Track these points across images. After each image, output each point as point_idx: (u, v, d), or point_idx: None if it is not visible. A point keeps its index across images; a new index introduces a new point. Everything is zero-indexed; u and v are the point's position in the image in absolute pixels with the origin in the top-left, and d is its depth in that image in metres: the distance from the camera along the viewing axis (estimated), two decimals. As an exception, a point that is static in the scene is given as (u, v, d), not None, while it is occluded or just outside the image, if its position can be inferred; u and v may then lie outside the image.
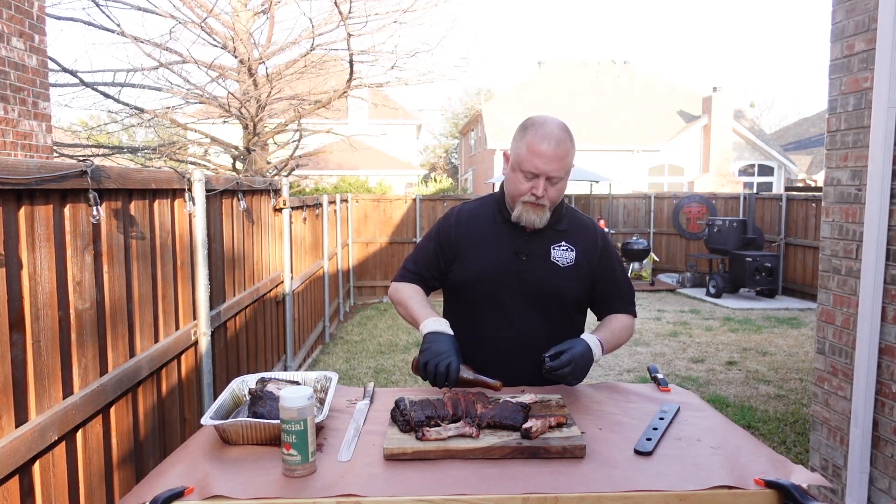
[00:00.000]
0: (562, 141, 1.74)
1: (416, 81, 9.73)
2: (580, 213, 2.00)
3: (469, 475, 1.20)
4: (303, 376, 1.66)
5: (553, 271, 1.84)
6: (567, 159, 1.76)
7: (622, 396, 1.69)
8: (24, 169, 1.57)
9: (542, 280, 1.84)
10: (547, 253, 1.85)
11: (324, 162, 19.00)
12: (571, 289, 1.87)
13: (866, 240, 2.75)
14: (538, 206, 1.77)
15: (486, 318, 1.87)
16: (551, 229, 1.86)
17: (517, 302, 1.84)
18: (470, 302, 1.89)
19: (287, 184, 4.78)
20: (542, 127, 1.75)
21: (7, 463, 1.48)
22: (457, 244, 1.91)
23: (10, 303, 1.55)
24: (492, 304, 1.86)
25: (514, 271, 1.84)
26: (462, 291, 1.92)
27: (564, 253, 1.86)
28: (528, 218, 1.78)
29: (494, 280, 1.84)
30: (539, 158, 1.72)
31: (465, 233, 1.91)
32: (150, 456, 2.33)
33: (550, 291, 1.85)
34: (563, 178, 1.77)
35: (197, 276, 2.81)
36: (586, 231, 1.92)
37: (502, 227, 1.88)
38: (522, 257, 1.85)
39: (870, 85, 2.77)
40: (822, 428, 3.17)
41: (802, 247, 9.95)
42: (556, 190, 1.78)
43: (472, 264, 1.88)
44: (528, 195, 1.76)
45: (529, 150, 1.73)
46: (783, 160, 21.71)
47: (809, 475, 1.19)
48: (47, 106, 4.96)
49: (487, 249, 1.87)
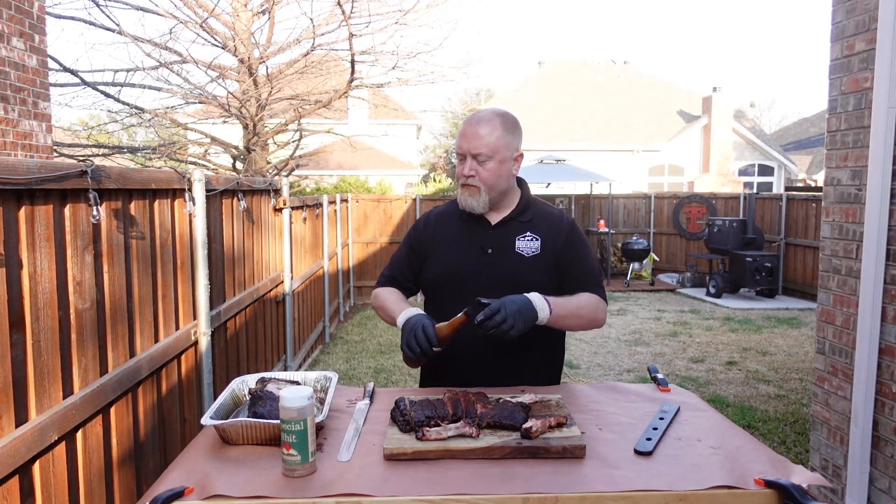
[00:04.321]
0: (487, 121, 1.80)
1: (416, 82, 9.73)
2: (549, 206, 2.01)
3: (469, 475, 1.20)
4: (303, 376, 1.66)
5: (519, 262, 1.86)
6: (491, 138, 1.79)
7: (622, 396, 1.69)
8: (24, 169, 1.57)
9: (508, 271, 1.85)
10: (512, 244, 1.88)
11: (324, 162, 19.00)
12: (538, 278, 1.86)
13: (866, 240, 2.75)
14: (471, 188, 1.83)
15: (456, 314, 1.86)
16: (516, 221, 1.90)
17: (485, 296, 1.82)
18: (442, 300, 1.92)
19: (287, 184, 4.78)
20: (475, 114, 1.85)
21: (7, 463, 1.48)
22: (426, 246, 1.96)
23: (10, 303, 1.55)
24: (461, 300, 1.83)
25: (481, 265, 1.87)
26: (433, 290, 1.96)
27: (529, 243, 1.88)
28: (465, 202, 1.85)
29: (461, 276, 1.87)
30: (462, 138, 1.81)
31: (434, 234, 1.96)
32: (150, 456, 2.33)
33: (517, 282, 1.83)
34: (491, 158, 1.80)
35: (197, 276, 2.81)
36: (551, 219, 1.93)
37: (468, 224, 1.92)
38: (488, 251, 1.87)
39: (870, 85, 2.77)
40: (822, 428, 3.17)
41: (802, 247, 9.95)
42: (488, 171, 1.81)
43: (439, 263, 1.92)
44: (461, 177, 1.83)
45: (458, 134, 1.83)
46: (783, 160, 21.71)
47: (809, 475, 1.19)
48: (47, 106, 4.96)
49: (454, 247, 1.91)
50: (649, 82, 23.89)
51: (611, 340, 7.34)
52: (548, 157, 12.96)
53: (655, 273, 12.37)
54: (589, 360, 6.46)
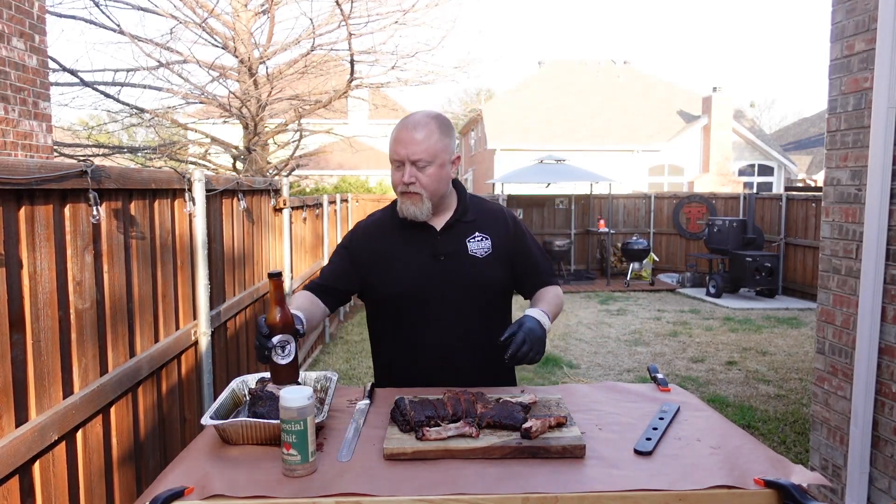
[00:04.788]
0: (422, 125, 1.74)
1: (416, 82, 9.73)
2: (486, 201, 1.98)
3: (469, 475, 1.20)
4: (303, 376, 1.66)
5: (473, 264, 1.84)
6: (429, 143, 1.72)
7: (622, 396, 1.69)
8: (24, 169, 1.57)
9: (465, 276, 1.82)
10: (464, 247, 1.84)
11: (324, 162, 19.00)
12: (496, 276, 1.87)
13: (866, 240, 2.75)
14: (412, 195, 1.75)
15: (420, 327, 1.84)
16: (461, 222, 1.85)
17: (447, 303, 1.82)
18: (399, 314, 1.85)
19: (287, 184, 4.78)
20: (408, 118, 1.77)
21: (7, 463, 1.48)
22: (370, 259, 1.86)
23: (10, 303, 1.55)
24: (422, 311, 1.83)
25: (437, 274, 1.82)
26: (388, 306, 1.87)
27: (480, 243, 1.86)
28: (407, 209, 1.76)
29: (418, 288, 1.81)
30: (398, 144, 1.73)
31: (377, 247, 1.86)
32: (150, 456, 2.33)
33: (477, 284, 1.84)
34: (431, 164, 1.73)
35: (197, 276, 2.81)
36: (495, 217, 1.92)
37: (413, 232, 1.84)
38: (441, 258, 1.82)
39: (870, 85, 2.77)
40: (822, 428, 3.17)
41: (802, 247, 9.95)
42: (428, 177, 1.74)
43: (392, 279, 1.83)
44: (400, 185, 1.76)
45: (392, 140, 1.75)
46: (783, 160, 21.71)
47: (809, 475, 1.19)
48: (47, 106, 4.96)
49: (404, 259, 1.83)
50: (649, 82, 23.89)
51: (611, 340, 7.34)
52: (548, 157, 12.95)
53: (655, 273, 12.37)
54: (589, 360, 6.46)
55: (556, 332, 7.70)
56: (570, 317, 8.74)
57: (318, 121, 13.04)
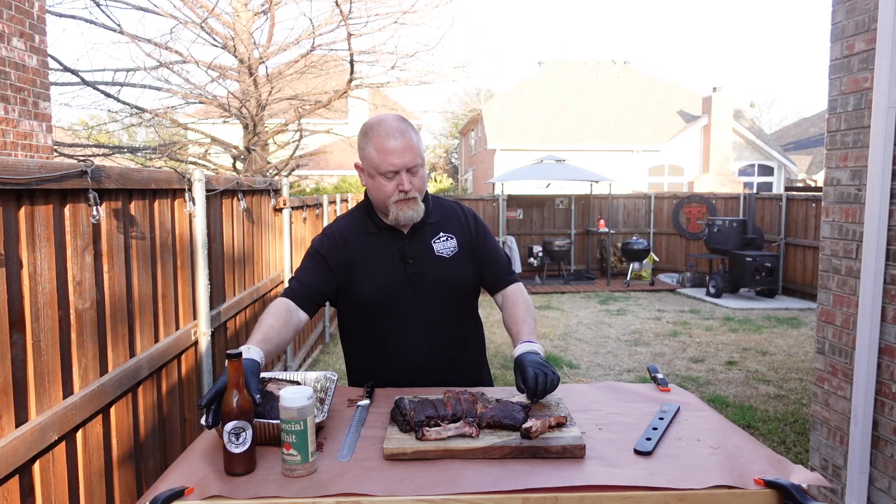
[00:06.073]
0: (405, 131, 1.76)
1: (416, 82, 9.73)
2: (445, 200, 2.00)
3: (469, 475, 1.20)
4: (303, 376, 1.66)
5: (441, 264, 1.86)
6: (417, 147, 1.77)
7: (622, 396, 1.69)
8: (24, 169, 1.57)
9: (433, 277, 1.85)
10: (430, 249, 1.86)
11: (324, 162, 19.00)
12: (464, 276, 1.89)
13: (866, 240, 2.75)
14: (410, 200, 1.77)
15: (392, 331, 1.85)
16: (426, 224, 1.88)
17: (418, 306, 1.84)
18: (371, 320, 1.87)
19: (287, 184, 4.78)
20: (381, 126, 1.76)
21: (7, 463, 1.48)
22: (344, 263, 1.85)
23: (10, 303, 1.55)
24: (393, 315, 1.85)
25: (406, 277, 1.84)
26: (360, 311, 1.88)
27: (445, 243, 1.88)
28: (406, 215, 1.78)
29: (389, 292, 1.83)
30: (392, 155, 1.73)
31: (348, 251, 1.86)
32: (150, 456, 2.33)
33: (446, 285, 1.86)
34: (421, 166, 1.79)
35: (197, 276, 2.81)
36: (456, 216, 1.95)
37: (379, 237, 1.86)
38: (409, 261, 1.84)
39: (870, 85, 2.77)
40: (822, 428, 3.17)
41: (802, 247, 9.95)
42: (419, 178, 1.79)
43: (363, 284, 1.84)
44: (395, 194, 1.76)
45: (380, 151, 1.73)
46: (783, 160, 21.71)
47: (809, 475, 1.19)
48: (48, 106, 4.96)
49: (373, 264, 1.84)
50: (649, 82, 23.89)
51: (611, 340, 7.34)
52: (548, 157, 12.95)
53: (655, 273, 12.37)
54: (589, 360, 6.46)
55: (556, 332, 7.71)
56: (570, 317, 8.74)
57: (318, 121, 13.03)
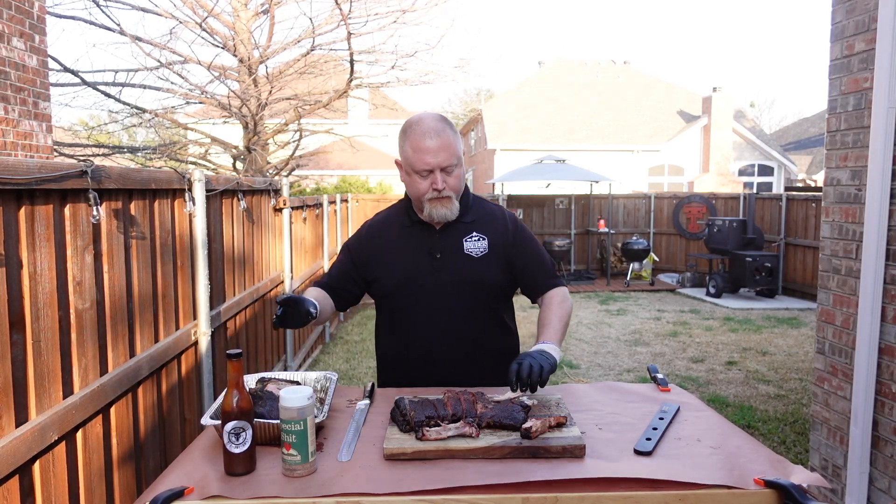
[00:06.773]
0: (441, 131, 1.76)
1: (416, 81, 9.73)
2: (488, 202, 2.01)
3: (469, 475, 1.20)
4: (303, 376, 1.66)
5: (468, 263, 1.86)
6: (453, 147, 1.78)
7: (622, 396, 1.69)
8: (24, 169, 1.57)
9: (458, 273, 1.85)
10: (460, 246, 1.87)
11: (324, 162, 19.01)
12: (489, 276, 1.88)
13: (866, 240, 2.75)
14: (444, 199, 1.79)
15: (414, 323, 1.88)
16: (460, 222, 1.89)
17: (440, 300, 1.86)
18: (395, 310, 1.91)
19: (287, 184, 4.78)
20: (419, 125, 1.78)
21: (7, 463, 1.48)
22: (370, 256, 1.92)
23: (10, 303, 1.55)
24: (415, 307, 1.87)
25: (431, 271, 1.85)
26: (385, 301, 1.94)
27: (477, 243, 1.88)
28: (439, 213, 1.80)
29: (412, 284, 1.86)
30: (427, 154, 1.75)
31: (377, 244, 1.93)
32: (150, 456, 2.33)
33: (469, 283, 1.86)
34: (457, 166, 1.80)
35: (197, 276, 2.81)
36: (494, 218, 1.95)
37: (412, 230, 1.90)
38: (437, 255, 1.86)
39: (870, 85, 2.77)
40: (822, 428, 3.17)
41: (802, 247, 9.95)
42: (455, 178, 1.80)
43: (388, 274, 1.89)
44: (429, 192, 1.78)
45: (416, 150, 1.76)
46: (783, 160, 21.71)
47: (809, 475, 1.19)
48: (48, 106, 4.96)
49: (401, 255, 1.89)
50: (649, 82, 23.89)
51: (611, 340, 7.34)
52: (548, 157, 12.95)
53: (655, 273, 12.37)
54: (589, 360, 6.46)
55: (556, 332, 7.69)
56: (571, 317, 8.74)
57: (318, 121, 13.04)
